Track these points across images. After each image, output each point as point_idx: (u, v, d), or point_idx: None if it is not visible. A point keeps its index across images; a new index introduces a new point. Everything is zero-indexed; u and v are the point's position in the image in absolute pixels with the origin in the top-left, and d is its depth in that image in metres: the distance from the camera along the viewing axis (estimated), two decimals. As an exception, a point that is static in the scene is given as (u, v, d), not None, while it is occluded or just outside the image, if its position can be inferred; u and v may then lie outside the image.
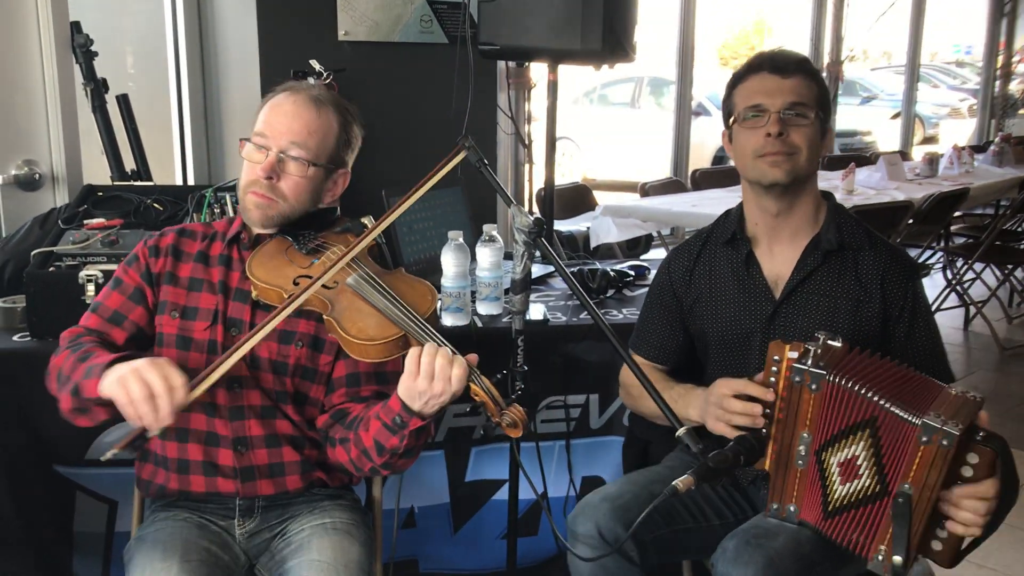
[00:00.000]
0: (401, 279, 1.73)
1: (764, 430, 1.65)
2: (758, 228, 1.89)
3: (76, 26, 2.66)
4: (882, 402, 1.54)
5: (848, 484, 1.59)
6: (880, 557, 1.55)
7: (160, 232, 1.82)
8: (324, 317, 1.62)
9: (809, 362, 1.60)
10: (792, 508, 1.66)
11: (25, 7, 2.59)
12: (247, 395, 1.71)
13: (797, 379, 1.61)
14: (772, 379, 1.65)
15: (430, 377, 1.49)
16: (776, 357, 1.65)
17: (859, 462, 1.58)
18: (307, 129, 1.72)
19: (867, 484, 1.57)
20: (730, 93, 1.87)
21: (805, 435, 1.63)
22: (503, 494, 2.35)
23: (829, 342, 1.63)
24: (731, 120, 1.86)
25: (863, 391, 1.56)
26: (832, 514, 1.61)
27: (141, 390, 1.44)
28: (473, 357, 1.53)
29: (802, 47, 7.30)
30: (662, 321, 2.01)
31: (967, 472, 1.49)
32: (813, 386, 1.60)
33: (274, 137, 1.71)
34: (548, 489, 2.28)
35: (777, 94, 1.78)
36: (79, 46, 2.65)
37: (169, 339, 1.73)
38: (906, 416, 1.51)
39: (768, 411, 1.65)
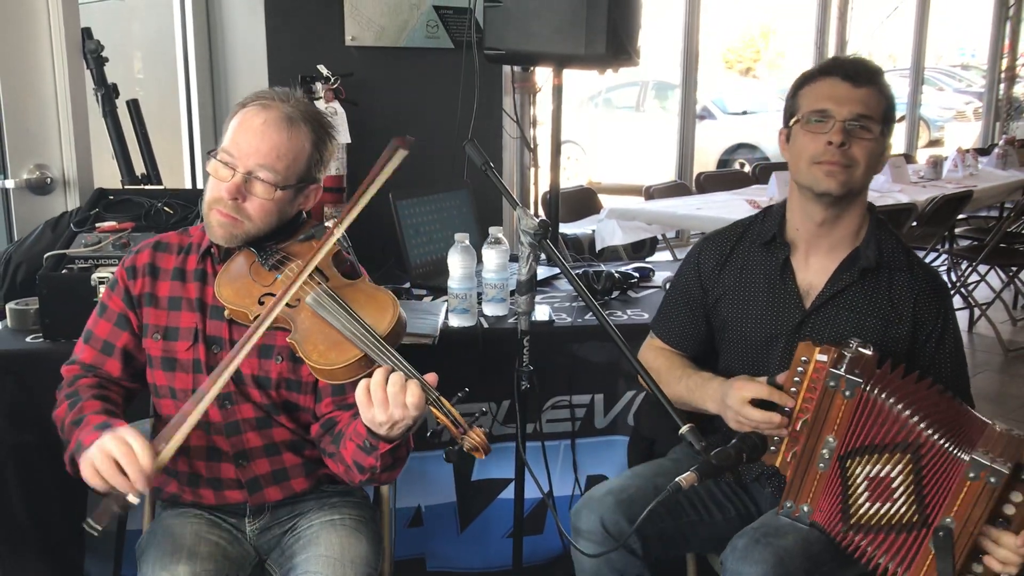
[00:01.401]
0: (362, 291, 1.68)
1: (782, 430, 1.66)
2: (799, 234, 1.86)
3: (87, 32, 2.68)
4: (928, 430, 1.54)
5: (879, 504, 1.59)
6: None
7: (136, 249, 1.77)
8: (287, 339, 1.61)
9: (844, 368, 1.60)
10: (806, 508, 1.67)
11: (37, 14, 2.61)
12: (239, 410, 1.71)
13: (832, 383, 1.61)
14: (796, 379, 1.66)
15: (384, 406, 1.47)
16: (804, 358, 1.66)
17: (895, 485, 1.58)
18: (276, 152, 1.64)
19: (903, 511, 1.57)
20: (796, 92, 1.82)
21: (831, 439, 1.63)
22: (509, 493, 2.38)
23: (861, 349, 1.62)
24: (792, 120, 1.82)
25: (905, 412, 1.56)
26: (855, 528, 1.62)
27: (107, 466, 1.46)
28: (432, 377, 1.51)
29: (806, 51, 7.32)
30: (685, 309, 1.99)
31: (1009, 510, 1.49)
32: (847, 392, 1.60)
33: (241, 157, 1.63)
34: (553, 488, 2.31)
35: (846, 103, 1.73)
36: (90, 52, 2.67)
37: (155, 361, 1.73)
38: (954, 450, 1.51)
39: (787, 411, 1.66)
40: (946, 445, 1.52)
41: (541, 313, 2.35)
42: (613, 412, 2.38)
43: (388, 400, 1.47)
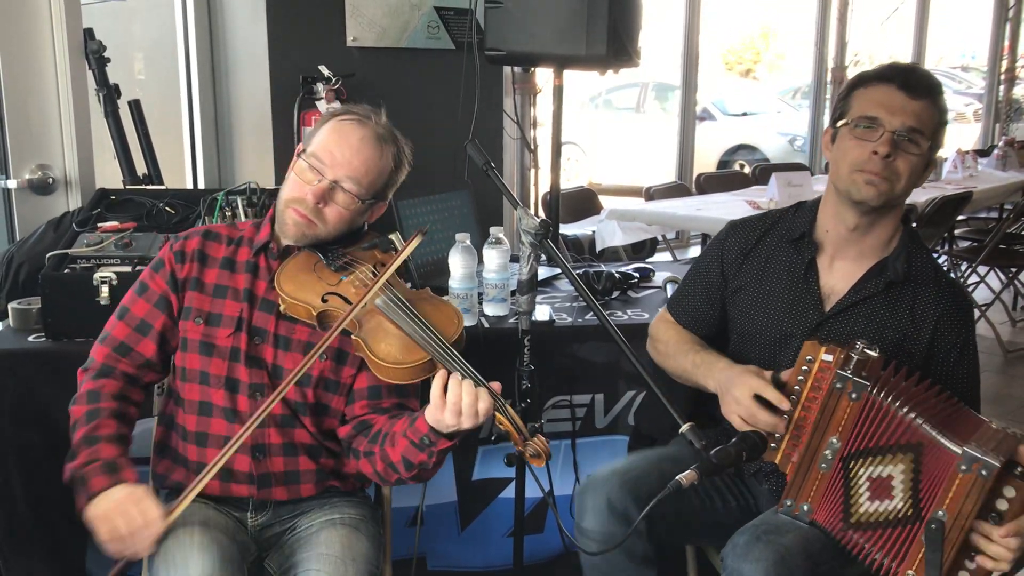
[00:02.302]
0: (428, 301, 1.75)
1: (778, 434, 1.67)
2: (828, 236, 1.83)
3: (89, 33, 2.69)
4: (929, 429, 1.54)
5: (878, 502, 1.60)
6: None
7: (185, 235, 1.82)
8: (352, 336, 1.65)
9: (851, 370, 1.60)
10: (806, 507, 1.67)
11: (39, 14, 2.62)
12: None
13: (839, 385, 1.61)
14: (800, 377, 1.66)
15: (457, 413, 1.53)
16: (809, 357, 1.65)
17: (894, 483, 1.58)
18: (366, 167, 1.73)
19: (899, 507, 1.58)
20: (849, 93, 1.77)
21: (834, 440, 1.63)
22: (509, 492, 2.38)
23: (867, 351, 1.62)
24: (840, 122, 1.77)
25: (909, 415, 1.56)
26: (854, 527, 1.62)
27: (120, 529, 1.56)
28: (497, 385, 1.56)
29: (806, 52, 7.34)
30: (703, 293, 1.98)
31: (1002, 505, 1.49)
32: (853, 395, 1.60)
33: (332, 166, 1.71)
34: (554, 488, 2.31)
35: (899, 113, 1.69)
36: (92, 52, 2.68)
37: (193, 345, 1.76)
38: (948, 444, 1.51)
39: (788, 412, 1.67)
40: (943, 441, 1.52)
41: (541, 313, 2.35)
42: (613, 412, 2.39)
43: (463, 408, 1.53)
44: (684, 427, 1.54)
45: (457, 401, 1.53)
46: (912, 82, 1.71)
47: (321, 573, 1.63)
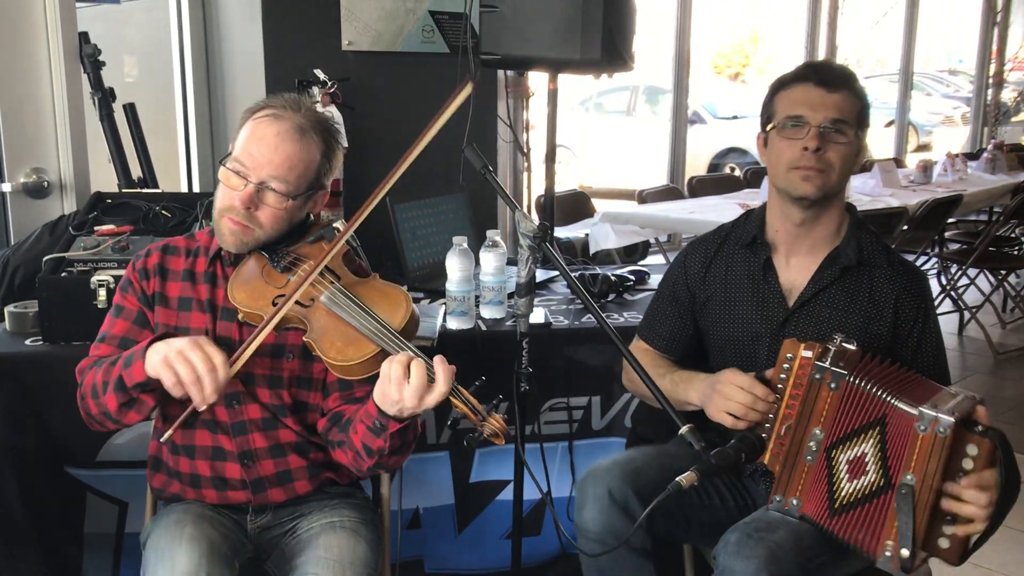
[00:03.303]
0: (375, 288, 1.72)
1: (768, 424, 1.69)
2: (779, 235, 1.90)
3: (84, 36, 2.69)
4: (890, 399, 1.58)
5: (856, 482, 1.62)
6: (888, 553, 1.58)
7: (145, 252, 1.80)
8: (304, 339, 1.64)
9: (829, 361, 1.64)
10: (795, 502, 1.69)
11: (34, 17, 2.62)
12: (246, 410, 1.73)
13: (817, 376, 1.65)
14: (782, 375, 1.69)
15: (400, 384, 1.50)
16: (789, 355, 1.69)
17: (867, 459, 1.61)
18: (288, 163, 1.66)
19: (872, 480, 1.61)
20: (771, 98, 1.86)
21: (817, 431, 1.66)
22: (506, 495, 2.39)
23: (844, 344, 1.66)
24: (769, 126, 1.86)
25: (877, 392, 1.60)
26: (838, 511, 1.64)
27: (187, 372, 1.50)
28: (452, 368, 1.53)
29: (796, 56, 7.37)
30: (673, 313, 2.02)
31: (967, 464, 1.52)
32: (832, 385, 1.64)
33: (254, 168, 1.65)
34: (551, 489, 2.32)
35: (820, 108, 1.77)
36: (87, 56, 2.67)
37: None
38: (907, 408, 1.55)
39: (773, 407, 1.69)
40: (902, 406, 1.56)
41: (537, 316, 2.36)
42: (610, 414, 2.40)
43: (407, 394, 1.49)
44: (683, 429, 1.55)
45: (399, 379, 1.49)
46: (827, 77, 1.80)
47: (319, 576, 1.63)
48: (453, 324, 2.30)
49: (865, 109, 1.83)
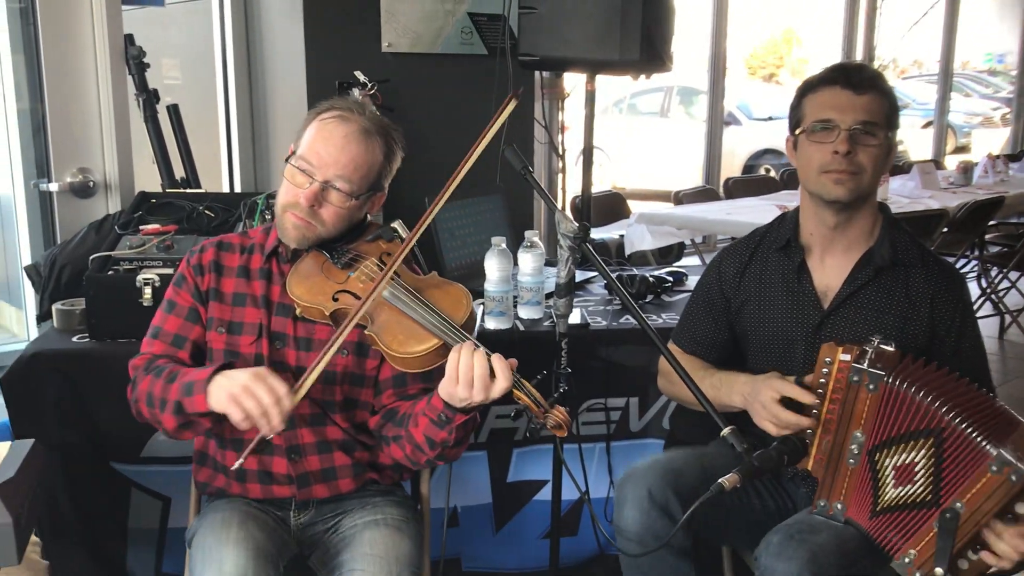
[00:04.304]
0: (435, 285, 1.75)
1: (809, 429, 1.68)
2: (812, 238, 1.90)
3: (129, 39, 2.73)
4: (952, 417, 1.55)
5: (901, 488, 1.61)
6: (907, 560, 1.58)
7: (199, 248, 1.84)
8: (365, 331, 1.67)
9: (866, 363, 1.63)
10: (839, 506, 1.68)
11: (81, 20, 2.67)
12: (296, 405, 1.76)
13: (855, 378, 1.64)
14: (822, 380, 1.68)
15: (468, 384, 1.53)
16: (828, 359, 1.68)
17: (916, 469, 1.59)
18: (353, 164, 1.72)
19: (919, 491, 1.59)
20: (799, 101, 1.86)
21: (858, 434, 1.65)
22: (544, 495, 2.39)
23: (882, 346, 1.65)
24: (798, 130, 1.85)
25: (928, 399, 1.58)
26: (878, 513, 1.64)
27: (254, 407, 1.54)
28: (513, 362, 1.56)
29: (832, 57, 7.31)
30: (708, 318, 2.02)
31: (1021, 509, 1.51)
32: (871, 386, 1.63)
33: (320, 167, 1.70)
34: (589, 490, 2.32)
35: (849, 111, 1.76)
36: (132, 58, 2.71)
37: (217, 354, 1.77)
38: (981, 441, 1.52)
39: (815, 412, 1.68)
40: (973, 435, 1.53)
41: (574, 316, 2.36)
42: (648, 415, 2.40)
43: (473, 378, 1.53)
44: (725, 431, 1.54)
45: (468, 370, 1.53)
46: (855, 79, 1.79)
47: (366, 573, 1.65)
48: (491, 324, 2.31)
49: (894, 109, 1.82)
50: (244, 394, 1.55)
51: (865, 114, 1.76)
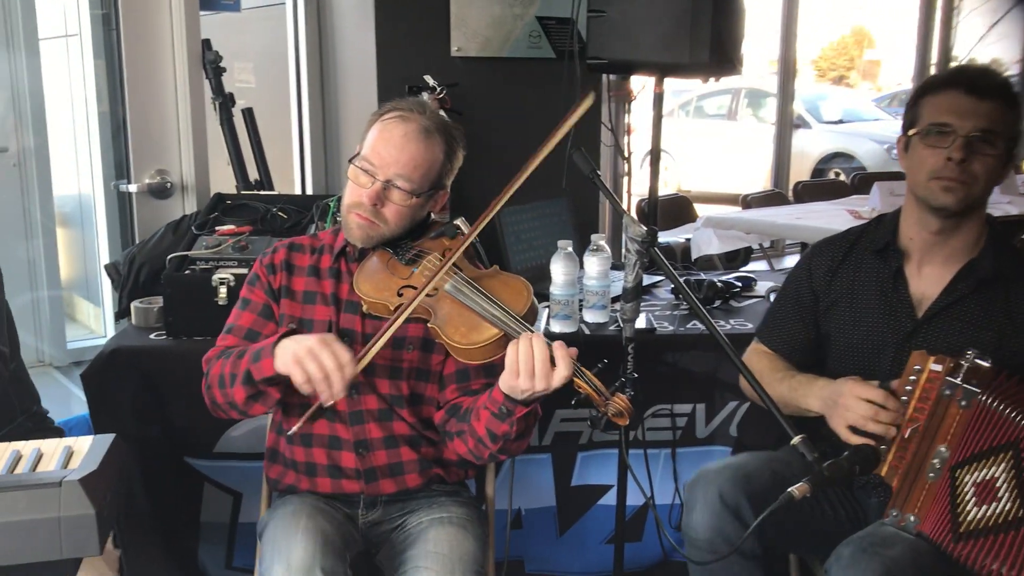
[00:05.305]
0: (496, 278, 1.77)
1: (890, 436, 1.65)
2: (912, 243, 1.85)
3: (206, 44, 2.80)
4: None
5: (985, 507, 1.56)
6: None
7: (272, 249, 1.89)
8: (428, 325, 1.70)
9: (960, 377, 1.58)
10: (912, 518, 1.65)
11: (161, 26, 2.74)
12: (364, 400, 1.79)
13: (947, 392, 1.60)
14: (908, 387, 1.64)
15: (530, 375, 1.54)
16: (917, 367, 1.65)
17: (998, 484, 1.55)
18: (414, 162, 1.75)
19: (1007, 508, 1.55)
20: (916, 101, 1.79)
21: (943, 449, 1.61)
22: (608, 499, 2.39)
23: (978, 360, 1.60)
24: (911, 131, 1.79)
25: (1014, 415, 1.54)
26: (965, 537, 1.59)
27: (316, 370, 1.57)
28: (573, 351, 1.56)
29: (907, 59, 7.14)
30: (795, 316, 1.98)
31: None
32: (963, 402, 1.58)
33: (381, 167, 1.74)
34: (654, 496, 2.31)
35: (969, 117, 1.69)
36: (209, 63, 2.79)
37: None
38: None
39: (895, 422, 1.65)
40: None
41: (640, 320, 2.36)
42: (715, 423, 2.37)
43: (534, 369, 1.53)
44: (796, 439, 1.52)
45: (528, 361, 1.53)
46: (979, 84, 1.72)
47: (430, 571, 1.67)
48: (556, 327, 2.31)
49: (1018, 120, 1.74)
50: (308, 357, 1.58)
51: (985, 121, 1.69)
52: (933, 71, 6.94)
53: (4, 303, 1.95)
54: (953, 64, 6.99)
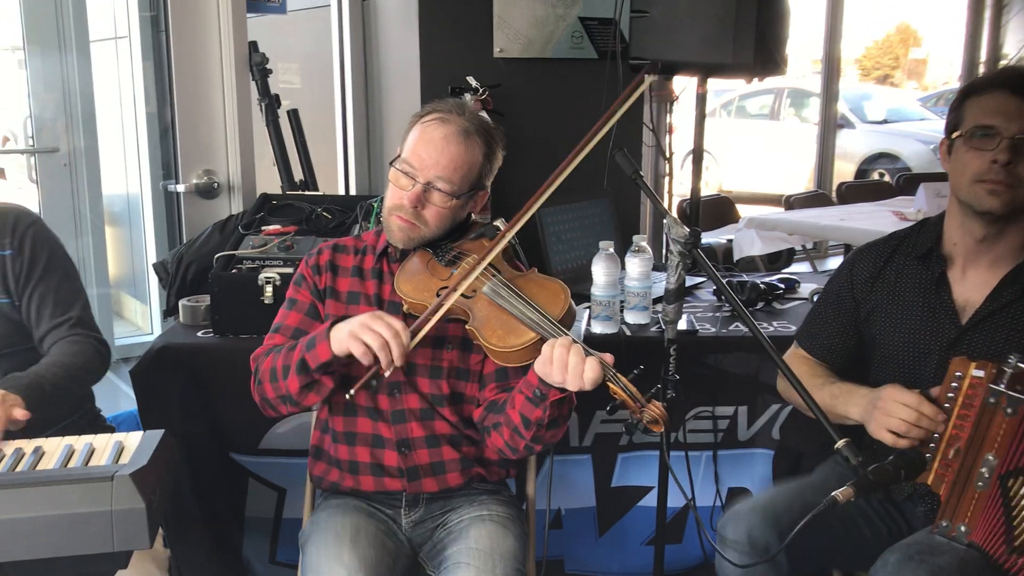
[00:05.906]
0: (534, 281, 1.78)
1: (932, 443, 1.63)
2: (956, 248, 1.82)
3: (253, 46, 2.84)
4: None
5: None
6: None
7: (317, 250, 1.92)
8: (467, 326, 1.71)
9: (1005, 384, 1.56)
10: (963, 528, 1.62)
11: (209, 28, 2.79)
12: (406, 399, 1.81)
13: (992, 400, 1.57)
14: (950, 394, 1.62)
15: (563, 368, 1.55)
16: (958, 373, 1.62)
17: None
18: (454, 164, 1.76)
19: None
20: (961, 103, 1.77)
21: (990, 457, 1.58)
22: (648, 501, 2.39)
23: (1020, 364, 1.57)
24: (955, 133, 1.76)
25: None
26: (1019, 549, 1.56)
27: (375, 339, 1.61)
28: (609, 357, 1.57)
29: (953, 58, 7.02)
30: (835, 321, 1.97)
31: None
32: (1009, 410, 1.56)
33: (422, 169, 1.76)
34: (696, 499, 2.30)
35: (1015, 118, 1.67)
36: (256, 64, 2.83)
37: None
38: None
39: (940, 427, 1.63)
40: None
41: (681, 322, 2.34)
42: (756, 425, 2.36)
43: (569, 367, 1.54)
44: (840, 443, 1.51)
45: (562, 358, 1.55)
46: None
47: (470, 567, 1.69)
48: (597, 328, 2.31)
49: None
50: (363, 329, 1.62)
51: None
52: (982, 70, 6.82)
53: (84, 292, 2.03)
54: (1002, 63, 6.86)
